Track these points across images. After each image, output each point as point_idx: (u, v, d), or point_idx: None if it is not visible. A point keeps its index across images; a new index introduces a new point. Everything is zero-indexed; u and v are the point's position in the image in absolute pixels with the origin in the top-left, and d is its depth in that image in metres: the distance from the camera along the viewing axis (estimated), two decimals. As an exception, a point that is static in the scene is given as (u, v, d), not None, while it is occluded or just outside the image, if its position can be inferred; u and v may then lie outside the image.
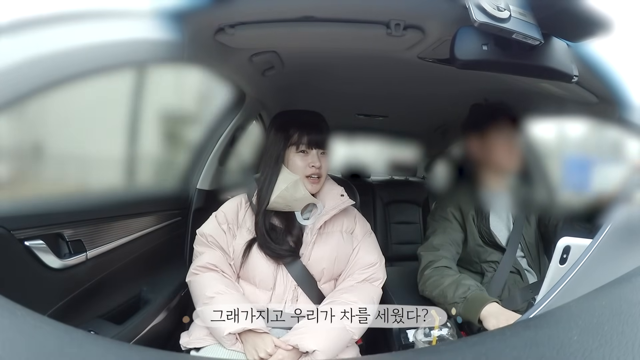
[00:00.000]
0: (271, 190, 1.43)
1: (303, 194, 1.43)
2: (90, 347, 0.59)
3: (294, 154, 1.46)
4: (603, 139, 1.68)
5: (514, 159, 1.60)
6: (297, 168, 1.45)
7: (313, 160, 1.45)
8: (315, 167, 1.45)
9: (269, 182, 1.44)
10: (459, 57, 1.09)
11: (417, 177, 3.57)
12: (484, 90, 1.73)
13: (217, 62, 1.51)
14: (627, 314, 0.54)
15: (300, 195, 1.43)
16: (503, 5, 1.00)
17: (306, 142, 1.45)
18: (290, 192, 1.42)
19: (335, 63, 1.74)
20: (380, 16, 1.23)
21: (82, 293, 1.29)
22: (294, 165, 1.45)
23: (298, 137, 1.46)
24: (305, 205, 1.46)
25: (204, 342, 1.34)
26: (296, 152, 1.46)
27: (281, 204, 1.43)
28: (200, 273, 1.41)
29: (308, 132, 1.46)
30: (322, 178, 1.49)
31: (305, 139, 1.45)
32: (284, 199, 1.42)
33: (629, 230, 0.83)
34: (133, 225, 1.54)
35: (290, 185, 1.42)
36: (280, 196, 1.41)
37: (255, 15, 1.24)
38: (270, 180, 1.44)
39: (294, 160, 1.46)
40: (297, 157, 1.46)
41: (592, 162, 1.65)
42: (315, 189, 1.48)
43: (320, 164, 1.46)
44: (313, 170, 1.45)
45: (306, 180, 1.45)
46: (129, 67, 1.29)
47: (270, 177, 1.45)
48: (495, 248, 1.60)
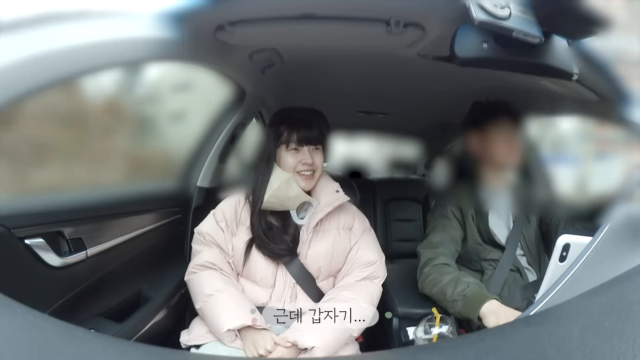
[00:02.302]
0: (264, 189, 1.42)
1: (296, 192, 1.42)
2: (90, 345, 0.59)
3: (285, 152, 1.45)
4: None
5: (514, 154, 1.60)
6: (289, 166, 1.44)
7: (305, 157, 1.44)
8: (307, 164, 1.44)
9: (262, 181, 1.44)
10: (459, 55, 1.08)
11: (417, 174, 3.57)
12: (484, 87, 1.73)
13: (217, 59, 1.51)
14: (628, 312, 0.54)
15: (293, 194, 1.42)
16: (503, 3, 1.00)
17: (296, 139, 1.44)
18: (283, 190, 1.41)
19: (335, 60, 1.74)
20: (381, 14, 1.23)
21: (82, 291, 1.30)
22: (285, 164, 1.45)
23: (287, 135, 1.45)
24: (301, 203, 1.46)
25: (204, 340, 1.35)
26: (287, 150, 1.45)
27: (275, 203, 1.42)
28: (198, 271, 1.41)
29: (298, 130, 1.45)
30: (316, 174, 1.47)
31: (295, 137, 1.44)
32: (278, 197, 1.42)
33: (629, 228, 0.82)
34: (133, 223, 1.54)
35: (282, 184, 1.41)
36: (273, 195, 1.41)
37: (255, 13, 1.24)
38: (263, 179, 1.44)
39: (285, 159, 1.45)
40: (288, 155, 1.45)
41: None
42: (309, 185, 1.47)
43: (313, 160, 1.45)
44: (305, 167, 1.44)
45: (298, 177, 1.44)
46: (128, 65, 1.28)
47: (263, 177, 1.44)
48: (495, 246, 1.60)
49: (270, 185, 1.42)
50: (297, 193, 1.42)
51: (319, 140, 1.47)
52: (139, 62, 1.27)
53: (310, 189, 1.48)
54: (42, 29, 0.94)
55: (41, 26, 0.94)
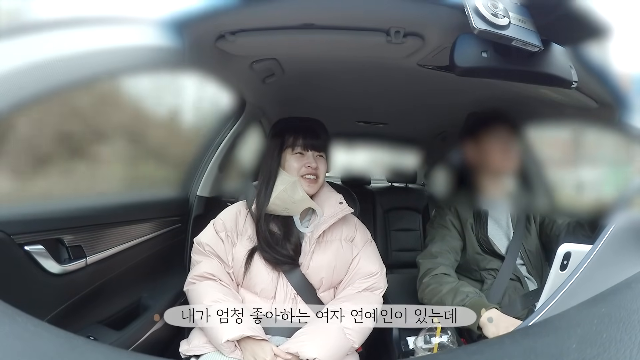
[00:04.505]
0: (269, 193, 1.43)
1: (301, 195, 1.43)
2: (91, 355, 0.59)
3: (290, 155, 1.47)
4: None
5: (509, 161, 1.61)
6: (293, 169, 1.46)
7: (309, 161, 1.46)
8: (312, 168, 1.46)
9: (267, 185, 1.45)
10: (458, 64, 1.09)
11: (417, 184, 3.57)
12: (483, 96, 1.73)
13: (218, 68, 1.52)
14: (626, 322, 0.54)
15: (298, 197, 1.43)
16: (502, 12, 1.01)
17: (301, 144, 1.47)
18: (288, 193, 1.42)
19: (335, 70, 1.74)
20: (381, 24, 1.24)
21: (81, 298, 1.29)
22: (290, 167, 1.46)
23: (293, 139, 1.47)
24: (304, 211, 1.46)
25: (203, 350, 1.34)
26: (292, 153, 1.47)
27: (280, 206, 1.43)
28: (197, 282, 1.41)
29: (304, 135, 1.48)
30: (319, 179, 1.49)
31: (301, 142, 1.47)
32: (283, 200, 1.42)
33: (629, 235, 0.82)
34: (133, 231, 1.54)
35: (288, 187, 1.42)
36: (278, 197, 1.42)
37: (255, 23, 1.25)
38: (267, 184, 1.45)
39: (290, 162, 1.47)
40: (292, 158, 1.47)
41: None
42: (312, 189, 1.48)
43: (317, 165, 1.47)
44: (309, 170, 1.46)
45: (302, 181, 1.45)
46: (130, 73, 1.29)
47: (267, 181, 1.45)
48: (494, 256, 1.60)
49: (276, 188, 1.43)
50: (302, 197, 1.43)
51: (323, 148, 1.50)
52: (140, 69, 1.28)
53: (313, 193, 1.49)
54: (43, 36, 0.94)
55: (42, 33, 0.94)
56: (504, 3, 1.02)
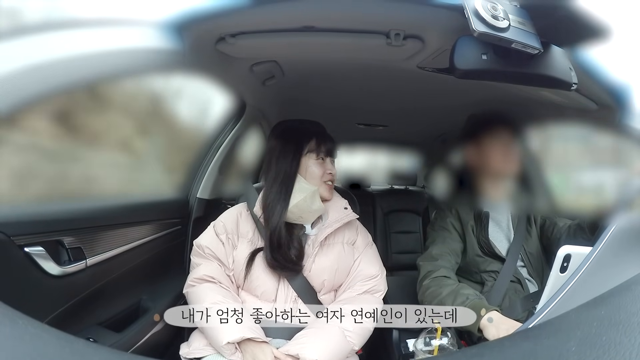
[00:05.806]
0: (284, 202, 1.41)
1: (319, 206, 1.43)
2: (90, 357, 0.59)
3: (313, 161, 1.47)
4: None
5: (510, 163, 1.61)
6: (315, 175, 1.46)
7: (330, 167, 1.48)
8: (332, 174, 1.48)
9: (281, 193, 1.42)
10: (458, 67, 1.09)
11: (417, 186, 3.57)
12: (483, 99, 1.74)
13: (218, 71, 1.52)
14: (626, 324, 0.54)
15: (316, 207, 1.43)
16: (502, 14, 1.01)
17: (324, 150, 1.48)
18: (307, 202, 1.41)
19: (335, 73, 1.74)
20: (380, 26, 1.24)
21: (81, 300, 1.29)
22: (312, 173, 1.46)
23: (316, 144, 1.47)
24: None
25: (203, 352, 1.34)
26: (315, 159, 1.47)
27: (295, 214, 1.41)
28: (197, 284, 1.40)
29: (324, 141, 1.49)
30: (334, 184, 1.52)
31: (323, 147, 1.48)
32: (300, 209, 1.41)
33: (629, 237, 0.82)
34: (133, 233, 1.54)
35: (308, 196, 1.41)
36: (297, 206, 1.41)
37: (256, 25, 1.25)
38: (280, 191, 1.42)
39: (312, 168, 1.46)
40: (315, 164, 1.47)
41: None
42: (331, 195, 1.51)
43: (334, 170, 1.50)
44: (330, 177, 1.48)
45: (324, 187, 1.47)
46: (130, 75, 1.29)
47: (281, 189, 1.43)
48: (495, 258, 1.60)
49: (295, 196, 1.41)
50: (319, 207, 1.43)
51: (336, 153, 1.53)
52: (140, 71, 1.28)
53: (331, 198, 1.51)
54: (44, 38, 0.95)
55: (43, 35, 0.95)
56: (503, 5, 1.02)
